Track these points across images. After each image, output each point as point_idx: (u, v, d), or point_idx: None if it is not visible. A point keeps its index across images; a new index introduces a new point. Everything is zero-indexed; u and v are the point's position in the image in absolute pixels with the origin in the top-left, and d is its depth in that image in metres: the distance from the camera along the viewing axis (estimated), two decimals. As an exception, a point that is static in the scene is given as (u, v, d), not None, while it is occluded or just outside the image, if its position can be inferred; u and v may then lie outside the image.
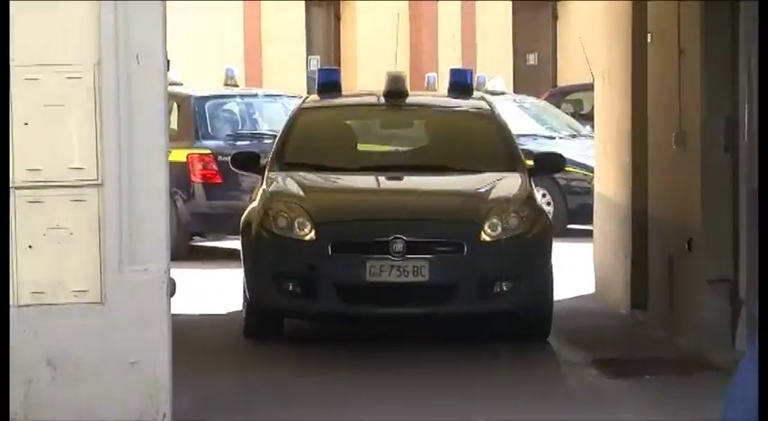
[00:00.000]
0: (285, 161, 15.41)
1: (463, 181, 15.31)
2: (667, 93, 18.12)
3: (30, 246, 11.43)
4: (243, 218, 14.59)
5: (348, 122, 17.04)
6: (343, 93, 17.96)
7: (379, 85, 18.44)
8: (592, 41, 23.99)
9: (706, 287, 15.44)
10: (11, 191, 11.45)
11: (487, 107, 16.90)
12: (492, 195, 14.44)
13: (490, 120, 16.46)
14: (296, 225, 13.70)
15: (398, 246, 13.22)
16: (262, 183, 15.00)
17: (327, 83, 16.83)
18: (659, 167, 17.89)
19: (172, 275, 12.17)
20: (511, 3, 42.16)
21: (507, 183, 14.85)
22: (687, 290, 15.92)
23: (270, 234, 13.86)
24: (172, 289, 12.06)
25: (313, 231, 13.60)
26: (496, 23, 41.39)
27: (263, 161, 15.89)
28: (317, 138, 16.43)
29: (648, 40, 18.56)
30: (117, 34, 11.88)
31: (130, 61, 11.75)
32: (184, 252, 20.44)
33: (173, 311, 12.31)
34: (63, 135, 11.73)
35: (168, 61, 12.64)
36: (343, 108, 17.31)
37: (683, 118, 17.74)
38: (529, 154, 17.87)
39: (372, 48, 38.16)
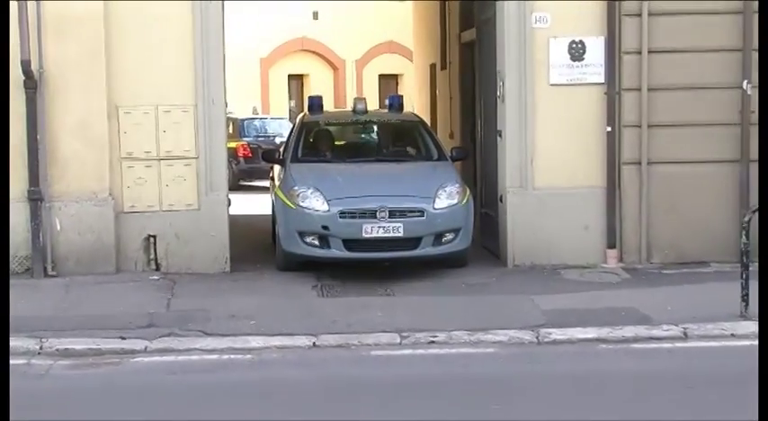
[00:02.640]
0: (298, 156, 18.86)
1: (416, 167, 18.86)
2: (444, 110, 24.15)
3: (167, 185, 18.30)
4: (274, 193, 18.04)
5: (332, 129, 20.60)
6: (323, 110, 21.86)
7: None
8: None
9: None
10: (159, 162, 18.22)
11: (417, 118, 21.09)
12: (439, 179, 17.85)
13: (422, 126, 20.31)
14: (315, 200, 17.08)
15: (383, 214, 16.78)
16: (284, 170, 18.37)
17: (314, 105, 20.85)
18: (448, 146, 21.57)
19: (229, 197, 18.72)
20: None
21: (444, 169, 18.54)
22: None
23: (297, 206, 17.10)
24: (228, 203, 18.56)
25: (326, 204, 16.94)
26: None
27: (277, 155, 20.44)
28: (316, 140, 19.80)
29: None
30: (204, 89, 18.40)
31: (209, 102, 18.41)
32: (235, 186, 24.74)
33: (230, 213, 18.70)
34: (182, 136, 18.34)
35: (226, 103, 19.15)
36: (329, 120, 20.87)
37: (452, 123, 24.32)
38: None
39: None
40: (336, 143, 20.19)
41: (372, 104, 25.17)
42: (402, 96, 22.54)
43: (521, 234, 18.82)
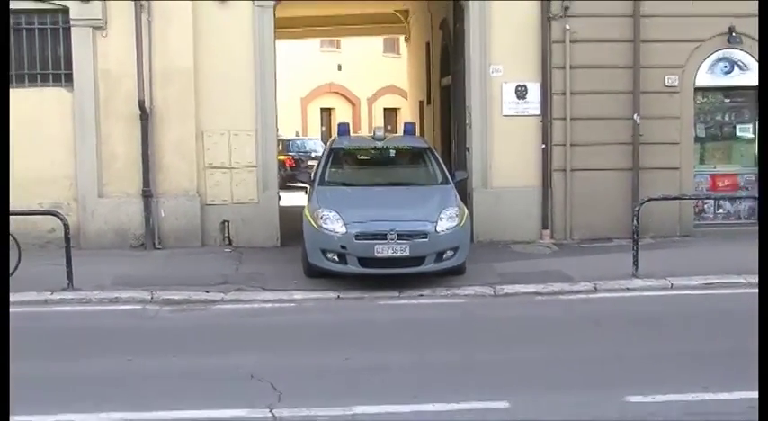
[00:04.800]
0: (324, 180, 16.09)
1: (421, 193, 15.81)
2: (429, 133, 21.51)
3: (236, 186, 18.09)
4: (304, 212, 15.18)
5: (355, 153, 17.40)
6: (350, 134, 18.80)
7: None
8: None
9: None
10: (230, 170, 17.93)
11: (425, 144, 17.60)
12: (442, 203, 15.05)
13: (429, 151, 16.96)
14: (335, 224, 14.47)
15: (393, 236, 14.14)
16: (312, 193, 15.79)
17: (342, 130, 17.77)
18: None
19: (279, 194, 18.67)
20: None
21: (447, 193, 15.56)
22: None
23: (320, 227, 14.50)
24: (278, 198, 18.48)
25: (344, 227, 14.33)
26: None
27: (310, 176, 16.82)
28: (340, 164, 16.88)
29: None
30: (261, 119, 18.22)
31: (267, 128, 18.25)
32: (282, 187, 21.64)
33: (279, 205, 18.51)
34: (247, 151, 18.19)
35: (277, 128, 18.92)
36: (353, 146, 17.46)
37: (435, 142, 23.51)
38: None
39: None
40: (357, 168, 17.44)
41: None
42: (414, 123, 20.38)
43: (482, 219, 18.66)
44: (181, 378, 9.87)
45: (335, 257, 14.51)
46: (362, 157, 17.48)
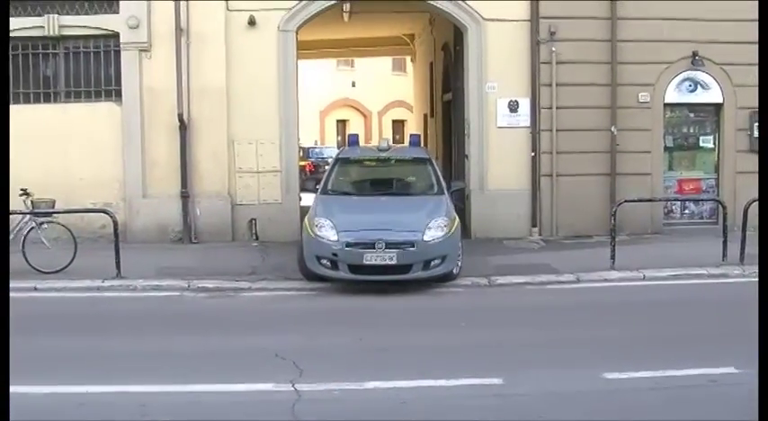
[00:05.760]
0: (327, 189, 15.18)
1: (415, 202, 14.73)
2: (432, 142, 21.77)
3: (263, 188, 18.01)
4: (305, 219, 14.32)
5: (359, 164, 16.30)
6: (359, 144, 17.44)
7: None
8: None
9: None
10: (258, 174, 17.76)
11: (426, 155, 16.40)
12: (432, 213, 14.03)
13: (428, 163, 15.86)
14: (329, 232, 13.56)
15: (381, 245, 13.20)
16: (315, 200, 14.88)
17: (352, 141, 17.04)
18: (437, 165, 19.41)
19: (300, 195, 18.62)
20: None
21: (439, 203, 14.49)
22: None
23: (315, 235, 13.61)
24: (299, 199, 18.38)
25: (336, 236, 13.44)
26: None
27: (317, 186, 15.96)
28: (344, 174, 15.84)
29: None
30: (284, 129, 18.24)
31: (289, 137, 18.24)
32: (303, 189, 20.43)
33: (300, 205, 18.27)
34: (272, 158, 18.15)
35: (298, 138, 18.85)
36: (358, 156, 16.38)
37: (437, 150, 23.77)
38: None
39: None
40: (358, 178, 16.27)
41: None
42: (419, 135, 19.92)
43: (479, 218, 18.70)
44: (213, 356, 9.90)
45: (328, 263, 13.64)
46: (366, 167, 16.51)
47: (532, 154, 18.48)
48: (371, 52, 35.18)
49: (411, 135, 18.38)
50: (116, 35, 17.96)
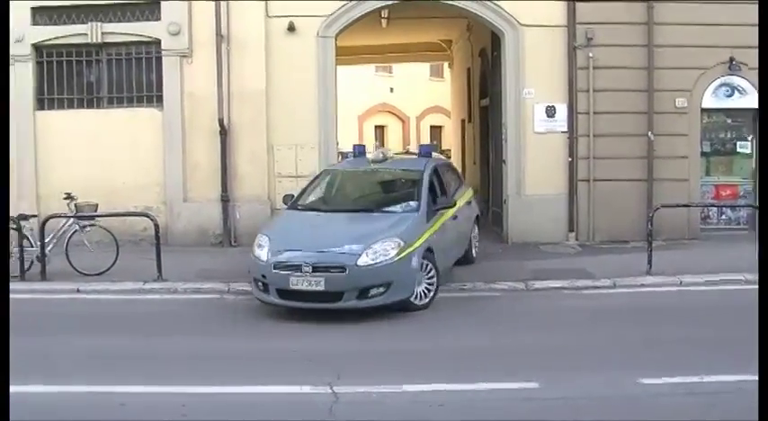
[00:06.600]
0: (296, 204, 14.03)
1: (375, 221, 12.98)
2: (470, 147, 20.89)
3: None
4: None
5: (341, 178, 14.93)
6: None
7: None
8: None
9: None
10: (297, 178, 17.37)
11: (421, 168, 14.24)
12: (384, 233, 12.29)
13: (421, 177, 13.88)
14: (262, 251, 12.28)
15: (307, 269, 11.70)
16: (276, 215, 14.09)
17: (358, 151, 15.73)
18: (473, 169, 19.32)
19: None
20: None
21: (400, 223, 12.75)
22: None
23: (252, 253, 12.46)
24: None
25: (267, 255, 12.11)
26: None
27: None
28: (320, 189, 14.65)
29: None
30: (323, 134, 18.15)
31: (328, 142, 18.14)
32: None
33: None
34: (311, 162, 17.93)
35: (337, 142, 18.90)
36: (345, 169, 15.37)
37: (475, 155, 23.73)
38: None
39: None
40: (333, 192, 14.65)
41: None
42: (432, 145, 18.21)
43: (516, 223, 18.64)
44: (252, 358, 9.95)
45: (262, 286, 12.37)
46: (347, 181, 15.11)
47: (569, 159, 18.41)
48: (409, 58, 35.08)
49: (421, 146, 16.98)
50: (157, 42, 18.07)
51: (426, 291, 12.72)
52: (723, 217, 19.43)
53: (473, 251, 16.18)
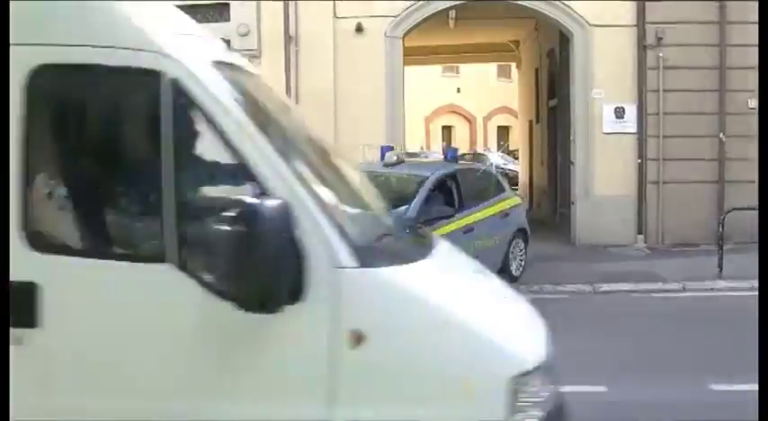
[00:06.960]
0: None
1: None
2: (538, 148, 21.22)
3: None
4: None
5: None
6: None
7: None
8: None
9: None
10: None
11: (427, 175, 13.53)
12: None
13: (420, 184, 13.18)
14: None
15: None
16: None
17: (385, 151, 14.86)
18: (540, 170, 19.49)
19: None
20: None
21: None
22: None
23: None
24: None
25: None
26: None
27: None
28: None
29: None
30: (391, 135, 18.17)
31: (395, 142, 17.78)
32: None
33: None
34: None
35: (404, 143, 19.35)
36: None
37: (542, 156, 23.98)
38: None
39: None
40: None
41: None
42: (457, 149, 16.48)
43: (584, 224, 18.71)
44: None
45: None
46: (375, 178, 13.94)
47: (639, 160, 18.39)
48: (477, 58, 35.15)
49: (447, 149, 16.64)
50: (227, 42, 18.11)
51: None
52: (796, 220, 19.16)
53: (512, 266, 14.81)
